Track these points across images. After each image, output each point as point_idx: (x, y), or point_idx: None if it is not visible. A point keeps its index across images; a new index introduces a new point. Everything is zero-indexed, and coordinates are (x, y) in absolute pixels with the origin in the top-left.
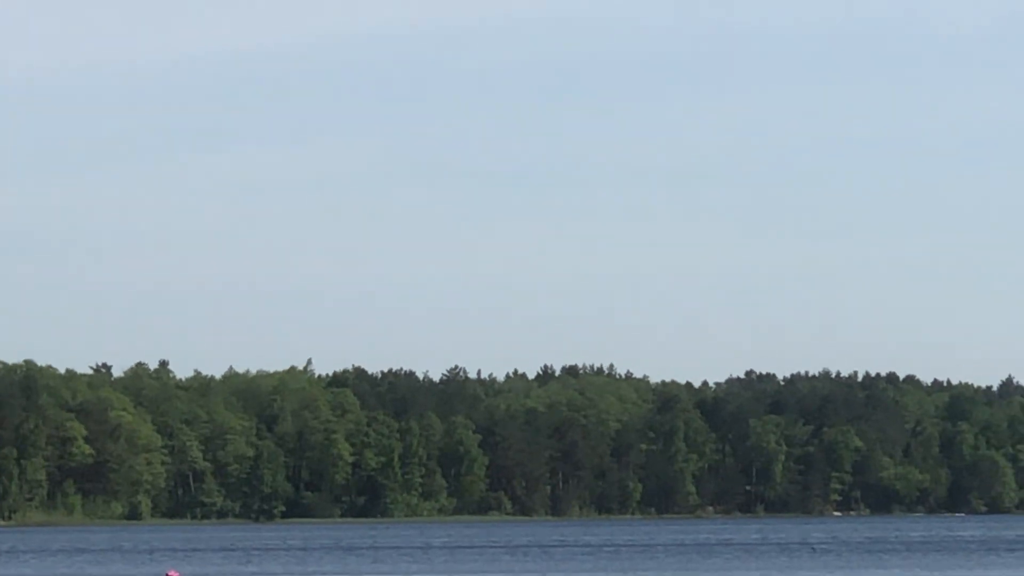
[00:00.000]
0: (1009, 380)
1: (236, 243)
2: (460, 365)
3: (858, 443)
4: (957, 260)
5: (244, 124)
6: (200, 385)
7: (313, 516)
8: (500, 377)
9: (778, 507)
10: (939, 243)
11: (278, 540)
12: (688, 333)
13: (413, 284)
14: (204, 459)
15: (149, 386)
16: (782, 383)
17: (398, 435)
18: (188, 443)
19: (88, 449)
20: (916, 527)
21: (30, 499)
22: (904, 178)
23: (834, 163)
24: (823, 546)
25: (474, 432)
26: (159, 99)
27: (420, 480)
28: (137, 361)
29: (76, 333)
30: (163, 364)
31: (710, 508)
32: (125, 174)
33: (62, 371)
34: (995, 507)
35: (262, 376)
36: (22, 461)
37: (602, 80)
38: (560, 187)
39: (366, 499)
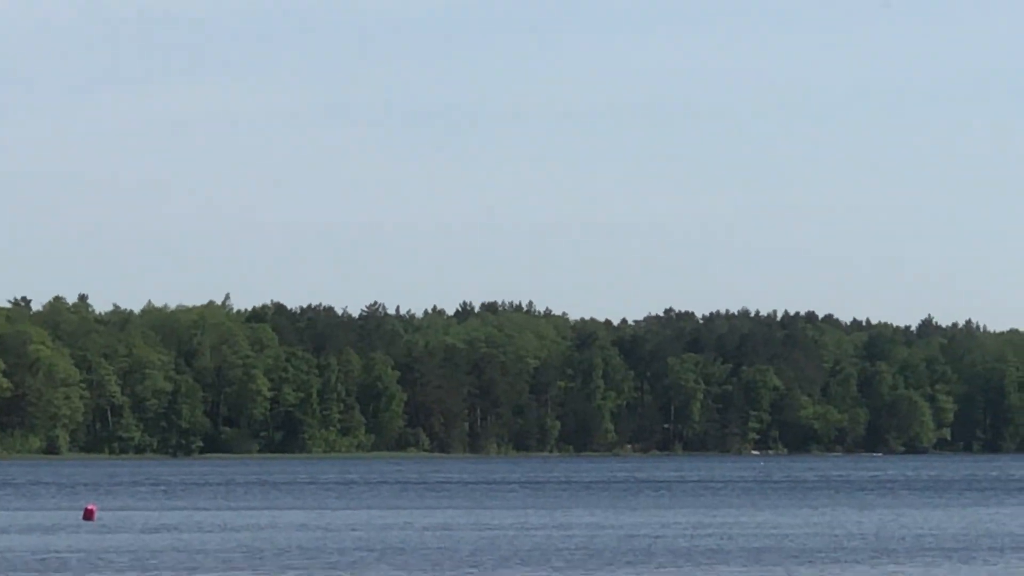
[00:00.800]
0: (928, 320)
1: (156, 179)
2: (379, 301)
3: (776, 382)
4: (877, 200)
5: (166, 65)
6: (119, 319)
7: (231, 451)
8: (419, 314)
9: (696, 446)
10: (859, 183)
11: (196, 475)
12: (607, 271)
13: (331, 220)
14: (122, 394)
15: (68, 320)
16: (701, 321)
17: (317, 371)
18: (106, 377)
19: (6, 383)
20: (834, 466)
21: None
22: (821, 120)
23: (750, 104)
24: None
25: (393, 368)
26: (80, 36)
27: (338, 416)
28: (56, 295)
29: None
30: (82, 298)
31: (628, 446)
32: (43, 110)
33: None
34: (913, 447)
35: (181, 311)
36: None
37: (517, 18)
38: (480, 125)
39: (284, 435)
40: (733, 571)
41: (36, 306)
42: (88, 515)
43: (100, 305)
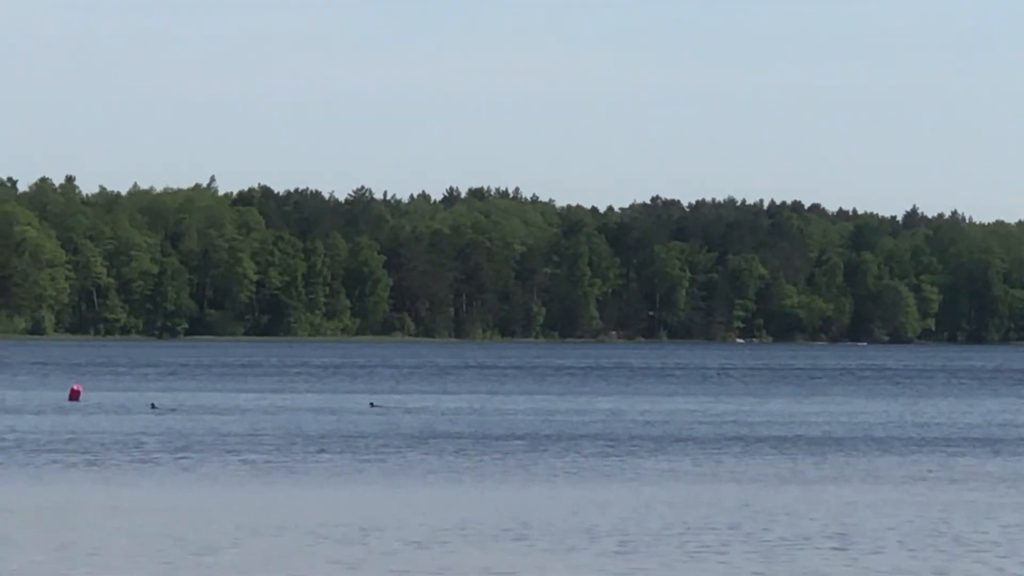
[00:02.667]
0: (914, 211)
1: (142, 57)
2: (366, 186)
3: (762, 271)
4: (865, 89)
5: None
6: (106, 201)
7: (216, 334)
8: (405, 199)
9: (681, 333)
10: (846, 70)
11: (182, 357)
12: (594, 158)
13: (319, 103)
14: (108, 275)
15: (54, 201)
16: (687, 209)
17: (303, 255)
18: (92, 259)
19: None
20: (819, 355)
21: None
22: (810, 1)
23: None
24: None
25: (379, 253)
26: None
27: (324, 300)
28: (42, 176)
29: None
30: (69, 179)
31: (613, 333)
32: None
33: None
34: (897, 337)
35: (167, 193)
36: None
37: None
38: (470, 4)
39: (270, 318)
40: (769, 458)
41: (23, 187)
42: (73, 395)
43: (87, 187)
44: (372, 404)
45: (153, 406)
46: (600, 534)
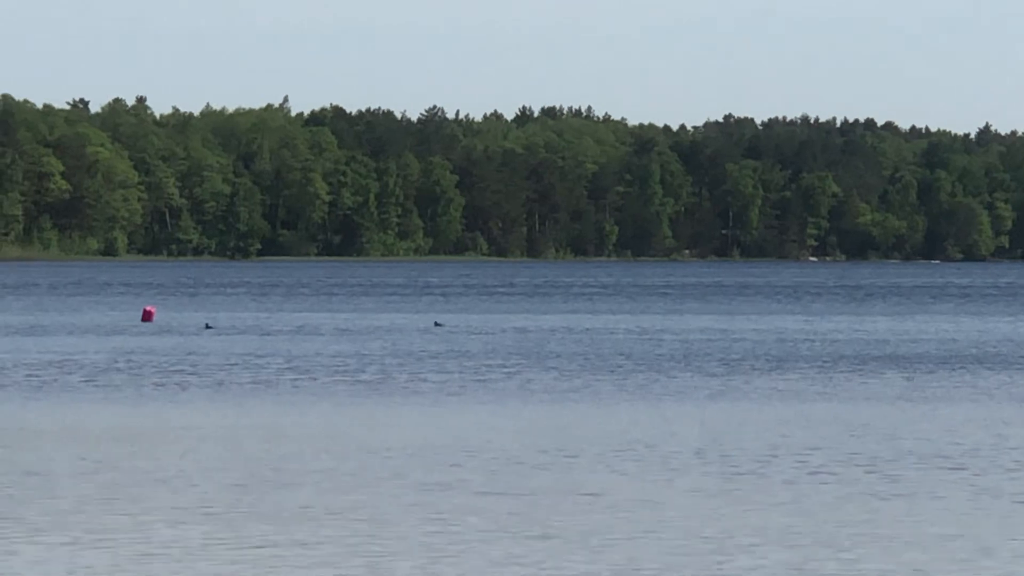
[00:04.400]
0: (987, 128)
1: None
2: (438, 105)
3: (835, 189)
4: (937, 6)
5: None
6: (178, 122)
7: (289, 254)
8: (478, 117)
9: (754, 252)
10: None
11: (256, 277)
12: (667, 76)
13: (391, 22)
14: (180, 196)
15: (126, 122)
16: (760, 127)
17: (375, 175)
18: (164, 180)
19: (65, 184)
20: (893, 272)
21: (6, 234)
22: None
23: None
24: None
25: (451, 172)
26: None
27: (396, 220)
28: (114, 97)
29: (53, 68)
30: (140, 100)
31: (686, 251)
32: None
33: (39, 106)
34: (971, 255)
35: (240, 113)
36: None
37: None
38: None
39: (342, 238)
40: (884, 376)
41: (94, 108)
42: (146, 316)
43: (159, 107)
44: (436, 323)
45: (208, 326)
46: (714, 454)
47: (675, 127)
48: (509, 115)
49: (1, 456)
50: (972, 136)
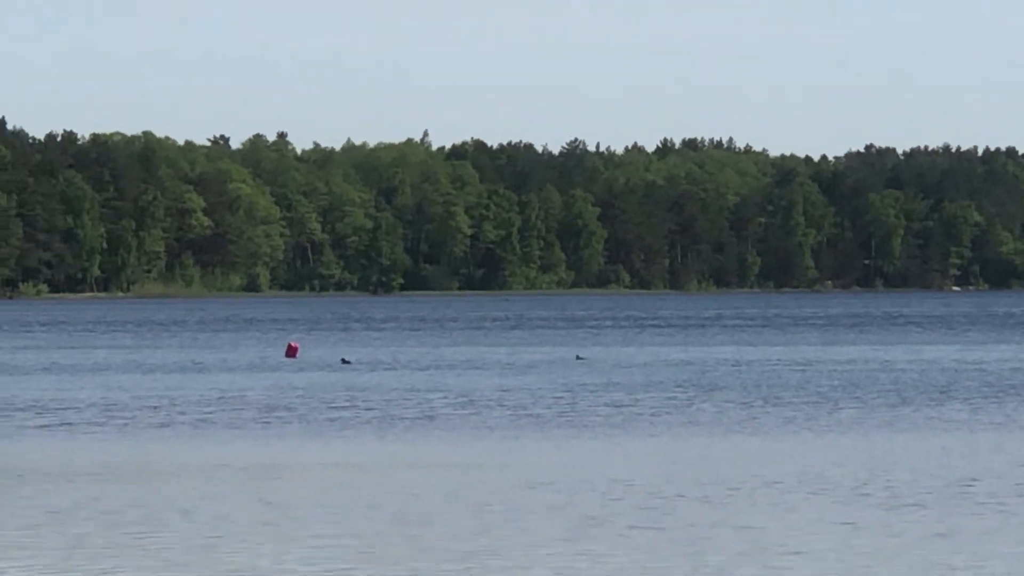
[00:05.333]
0: None
1: (357, 14)
2: (579, 138)
3: (977, 218)
4: None
5: None
6: (319, 157)
7: (431, 288)
8: (619, 150)
9: (896, 282)
10: None
11: (397, 311)
12: (808, 106)
13: (531, 56)
14: (323, 231)
15: (267, 158)
16: (901, 157)
17: (517, 208)
18: (307, 215)
19: (206, 221)
20: None
21: (148, 270)
22: None
23: None
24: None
25: (593, 205)
26: None
27: (539, 253)
28: (255, 133)
29: (194, 104)
30: (281, 136)
31: (828, 282)
32: None
33: (181, 143)
34: None
35: (381, 148)
36: (140, 232)
37: None
38: None
39: (484, 272)
40: None
41: (235, 144)
42: (291, 352)
43: (300, 143)
44: (578, 357)
45: (344, 361)
46: (878, 486)
47: (816, 157)
48: (650, 147)
49: (191, 490)
50: None
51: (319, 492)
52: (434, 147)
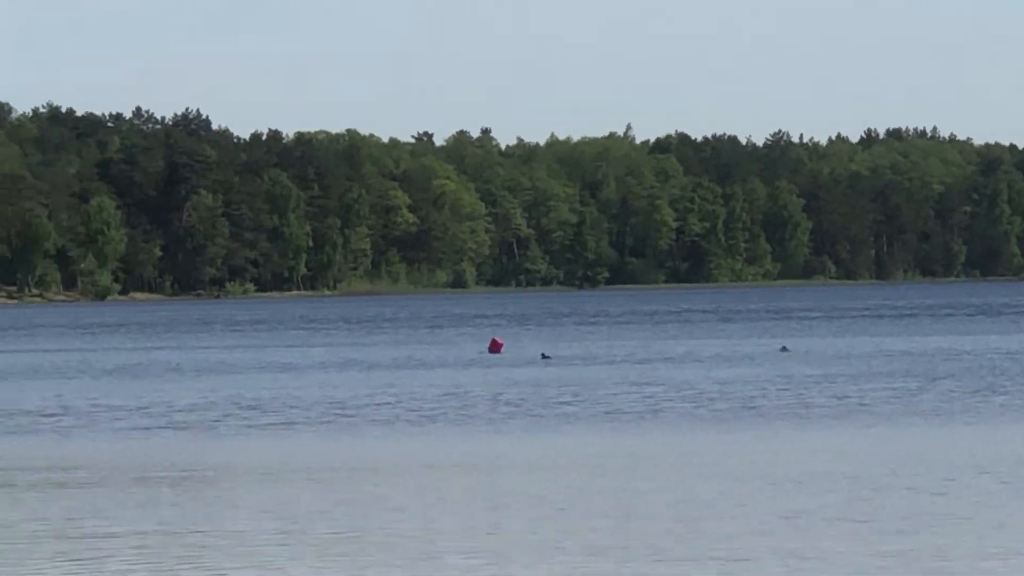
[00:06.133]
0: None
1: (561, 8)
2: (783, 129)
3: None
4: None
5: None
6: (523, 152)
7: (636, 282)
8: (823, 141)
9: None
10: None
11: (604, 306)
12: (1013, 95)
13: (734, 48)
14: (527, 226)
15: (472, 154)
16: None
17: (721, 200)
18: (511, 210)
19: (412, 218)
20: None
21: (354, 268)
22: None
23: None
24: None
25: (797, 196)
26: None
27: (744, 245)
28: (459, 129)
29: (398, 102)
30: (485, 132)
31: None
32: None
33: (385, 140)
34: None
35: (584, 142)
36: (346, 231)
37: None
38: None
39: (690, 265)
40: None
41: (439, 141)
42: (495, 347)
43: (503, 139)
44: (783, 348)
45: (544, 356)
46: None
47: (1021, 146)
48: (854, 137)
49: (469, 483)
50: None
51: (542, 487)
52: (638, 140)
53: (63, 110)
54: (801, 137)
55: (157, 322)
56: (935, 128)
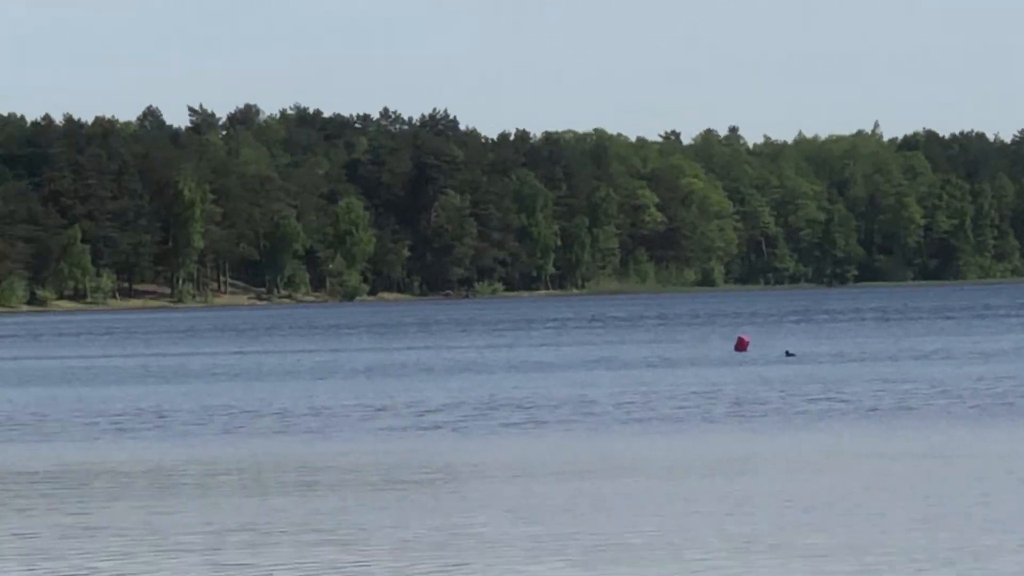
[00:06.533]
0: None
1: (800, 8)
2: None
3: None
4: None
5: None
6: (771, 151)
7: (885, 279)
8: None
9: None
10: None
11: (853, 303)
12: None
13: (980, 46)
14: (775, 225)
15: (719, 153)
16: None
17: (970, 197)
18: (759, 209)
19: (660, 216)
20: None
21: (603, 267)
22: None
23: None
24: None
25: None
26: None
27: (993, 242)
28: (706, 128)
29: (645, 101)
30: (732, 130)
31: None
32: None
33: (632, 139)
34: None
35: (832, 140)
36: (594, 230)
37: None
38: None
39: (939, 262)
40: None
41: (686, 140)
42: (741, 345)
43: (751, 137)
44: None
45: (788, 353)
46: None
47: None
48: None
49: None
50: None
51: (786, 487)
52: (885, 138)
53: (310, 111)
54: None
55: (406, 322)
56: None
